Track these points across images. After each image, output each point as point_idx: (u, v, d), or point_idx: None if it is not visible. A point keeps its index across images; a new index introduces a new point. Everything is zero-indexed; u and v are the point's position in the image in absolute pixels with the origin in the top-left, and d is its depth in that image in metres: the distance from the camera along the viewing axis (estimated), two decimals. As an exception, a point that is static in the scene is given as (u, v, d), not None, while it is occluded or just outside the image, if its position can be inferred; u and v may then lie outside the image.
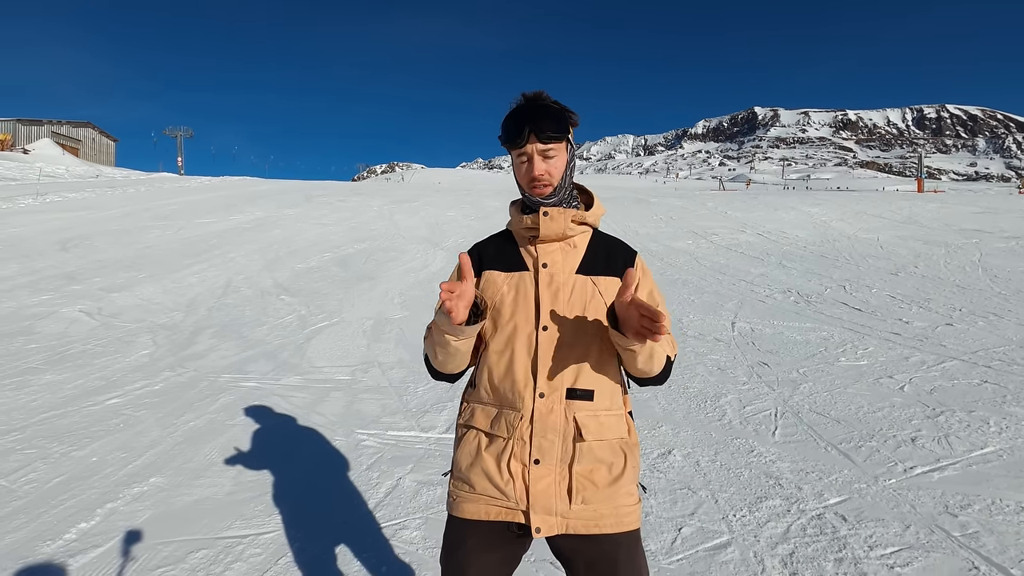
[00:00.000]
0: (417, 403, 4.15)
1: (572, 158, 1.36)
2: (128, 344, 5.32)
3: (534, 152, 1.30)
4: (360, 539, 2.56)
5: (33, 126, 44.52)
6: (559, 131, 1.29)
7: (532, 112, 1.29)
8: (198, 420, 3.78)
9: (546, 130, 1.28)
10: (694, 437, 3.52)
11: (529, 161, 1.31)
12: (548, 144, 1.29)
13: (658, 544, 2.47)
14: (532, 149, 1.30)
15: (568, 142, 1.33)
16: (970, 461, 3.12)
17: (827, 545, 2.44)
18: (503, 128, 1.32)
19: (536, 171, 1.30)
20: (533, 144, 1.29)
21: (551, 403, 1.28)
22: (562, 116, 1.30)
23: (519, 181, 1.36)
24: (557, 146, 1.31)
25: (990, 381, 4.28)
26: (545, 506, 1.26)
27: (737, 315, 6.38)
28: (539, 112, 1.29)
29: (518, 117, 1.30)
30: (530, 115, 1.29)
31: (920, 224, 12.66)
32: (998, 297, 6.94)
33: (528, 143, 1.29)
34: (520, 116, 1.29)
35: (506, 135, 1.32)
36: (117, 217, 13.08)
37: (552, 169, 1.31)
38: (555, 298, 1.31)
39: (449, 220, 14.08)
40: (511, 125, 1.30)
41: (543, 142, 1.29)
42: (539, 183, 1.31)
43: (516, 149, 1.31)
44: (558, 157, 1.32)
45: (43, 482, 2.98)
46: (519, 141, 1.29)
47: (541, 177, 1.30)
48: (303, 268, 8.85)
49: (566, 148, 1.33)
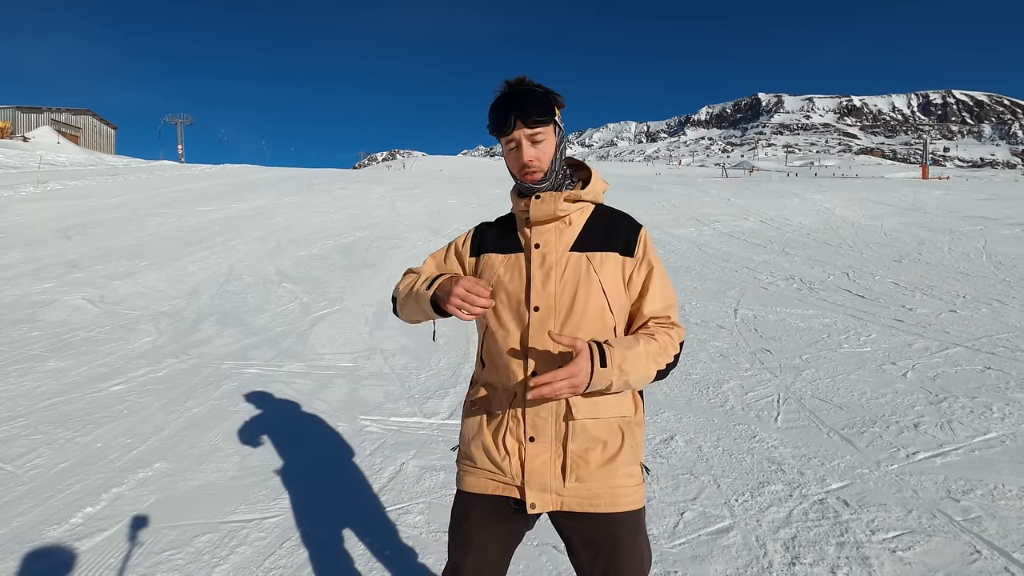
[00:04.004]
0: (420, 389, 4.16)
1: (561, 140, 1.35)
2: (131, 331, 5.34)
3: (522, 138, 1.29)
4: (364, 523, 2.57)
5: (33, 113, 44.35)
6: (545, 114, 1.28)
7: (516, 98, 1.28)
8: (201, 406, 3.80)
9: (531, 114, 1.27)
10: (696, 423, 3.53)
11: (517, 147, 1.31)
12: (535, 128, 1.29)
13: (660, 528, 2.48)
14: (520, 135, 1.29)
15: (555, 124, 1.32)
16: (973, 447, 3.12)
17: (829, 529, 2.45)
18: (490, 117, 1.32)
19: (525, 157, 1.30)
20: (520, 130, 1.29)
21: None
22: (546, 99, 1.29)
23: (510, 168, 1.36)
24: (544, 130, 1.30)
25: (993, 367, 4.27)
26: (540, 483, 1.28)
27: (740, 302, 6.36)
28: (523, 97, 1.28)
29: (503, 104, 1.29)
30: (514, 101, 1.28)
31: (924, 211, 12.58)
32: (1002, 284, 6.91)
33: (515, 129, 1.29)
34: (504, 103, 1.29)
35: (493, 123, 1.32)
36: (118, 205, 13.06)
37: (541, 154, 1.31)
38: (547, 278, 1.31)
39: (450, 208, 14.03)
40: (497, 113, 1.30)
41: (530, 127, 1.28)
42: (529, 169, 1.31)
43: (504, 136, 1.31)
44: (546, 141, 1.31)
45: (48, 467, 3.00)
46: (505, 128, 1.29)
47: (531, 163, 1.30)
48: (305, 256, 8.84)
49: (554, 131, 1.32)
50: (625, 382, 1.21)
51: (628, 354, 1.21)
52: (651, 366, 1.25)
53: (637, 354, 1.23)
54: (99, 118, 50.96)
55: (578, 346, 1.19)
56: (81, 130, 47.99)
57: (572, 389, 1.18)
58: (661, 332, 1.31)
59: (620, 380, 1.20)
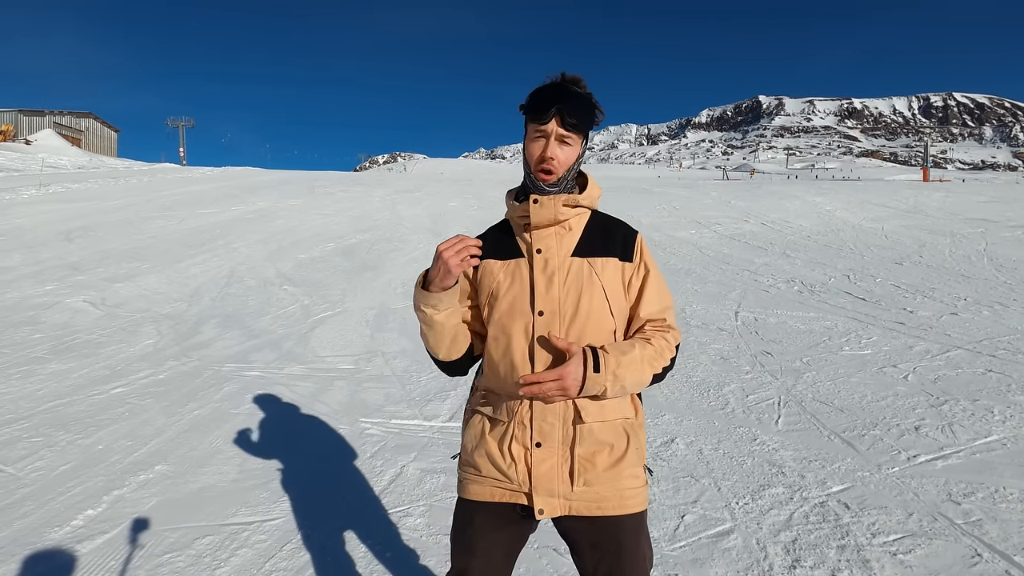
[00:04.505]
0: (420, 392, 4.16)
1: (584, 151, 1.34)
2: (132, 334, 5.34)
3: (553, 133, 1.26)
4: (364, 526, 2.57)
5: (35, 117, 44.45)
6: (584, 123, 1.27)
7: (566, 94, 1.25)
8: (203, 409, 3.80)
9: (573, 117, 1.25)
10: (697, 426, 3.52)
11: (545, 139, 1.27)
12: (568, 131, 1.26)
13: (661, 531, 2.48)
14: (552, 129, 1.26)
15: (585, 136, 1.31)
16: (974, 449, 3.12)
17: (830, 532, 2.44)
18: (530, 98, 1.28)
19: (549, 151, 1.27)
20: (555, 126, 1.26)
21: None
22: (591, 110, 1.27)
23: (527, 158, 1.31)
24: (576, 136, 1.28)
25: (994, 370, 4.27)
26: (548, 488, 1.27)
27: (740, 304, 6.36)
28: (572, 97, 1.25)
29: (550, 94, 1.25)
30: (563, 96, 1.24)
31: (925, 213, 12.58)
32: (1003, 286, 6.91)
33: (550, 122, 1.25)
34: (552, 94, 1.25)
35: (532, 106, 1.27)
36: (120, 207, 13.09)
37: (563, 157, 1.28)
38: (550, 282, 1.30)
39: (451, 210, 14.05)
40: (541, 99, 1.25)
41: (565, 128, 1.26)
42: (547, 167, 1.28)
43: (536, 124, 1.27)
44: (573, 148, 1.29)
45: (50, 470, 3.00)
46: (543, 117, 1.25)
47: (551, 161, 1.27)
48: (306, 258, 8.85)
49: (582, 141, 1.31)
50: (621, 387, 1.22)
51: (623, 359, 1.22)
52: (647, 370, 1.26)
53: (632, 359, 1.23)
54: (101, 121, 51.09)
55: (572, 350, 1.19)
56: (83, 133, 48.11)
57: (562, 392, 1.18)
58: (657, 336, 1.31)
59: (615, 385, 1.21)
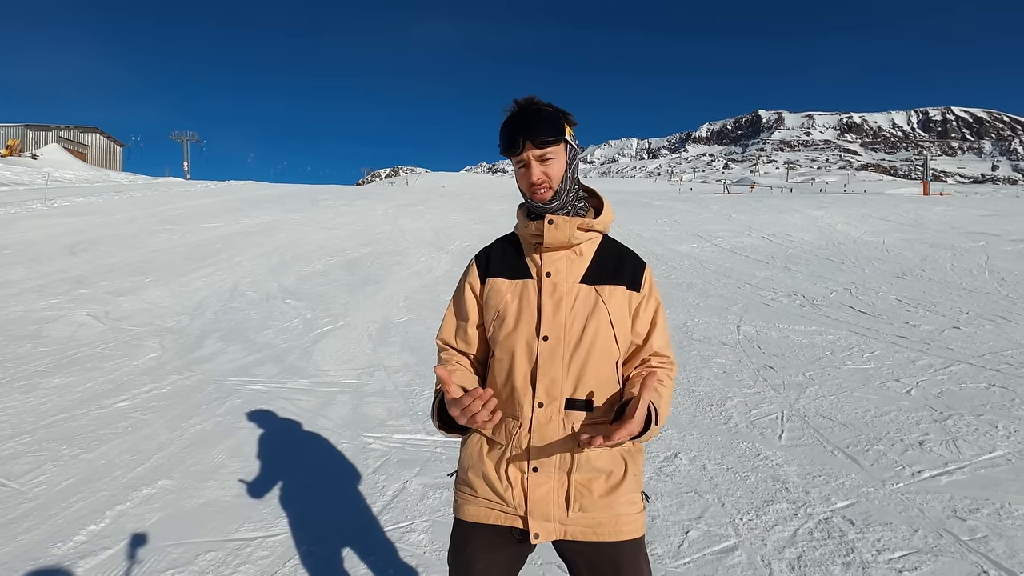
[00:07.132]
0: (423, 406, 4.15)
1: (573, 159, 1.35)
2: (136, 348, 5.36)
3: (531, 158, 1.29)
4: (367, 541, 2.56)
5: (41, 131, 44.89)
6: (554, 134, 1.28)
7: (525, 119, 1.28)
8: (205, 423, 3.80)
9: (540, 135, 1.27)
10: (700, 441, 3.52)
11: (527, 167, 1.30)
12: (544, 149, 1.28)
13: (665, 547, 2.47)
14: (529, 156, 1.29)
15: (566, 143, 1.32)
16: (978, 465, 3.11)
17: (835, 549, 2.43)
18: (500, 137, 1.32)
19: (534, 176, 1.29)
20: (529, 151, 1.28)
21: (550, 413, 1.28)
22: (556, 119, 1.29)
23: (520, 187, 1.35)
24: (554, 149, 1.29)
25: (998, 384, 4.26)
26: (543, 512, 1.28)
27: (742, 318, 6.37)
28: (532, 118, 1.28)
29: (511, 125, 1.29)
30: (523, 122, 1.28)
31: (926, 227, 12.61)
32: (1005, 300, 6.90)
33: (524, 150, 1.28)
34: (514, 125, 1.29)
35: (502, 144, 1.31)
36: (124, 221, 13.17)
37: (550, 172, 1.30)
38: (557, 308, 1.30)
39: (454, 224, 14.11)
40: (506, 134, 1.30)
41: (539, 147, 1.28)
42: (538, 188, 1.30)
43: (513, 157, 1.31)
44: (556, 160, 1.30)
45: (53, 484, 3.00)
46: (515, 150, 1.29)
47: (540, 182, 1.30)
48: (308, 272, 8.89)
49: (565, 149, 1.32)
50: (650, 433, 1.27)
51: (662, 405, 1.30)
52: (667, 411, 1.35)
53: (666, 404, 1.32)
54: (106, 135, 51.57)
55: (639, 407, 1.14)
56: (89, 147, 48.53)
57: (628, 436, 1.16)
58: (667, 377, 1.37)
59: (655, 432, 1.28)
